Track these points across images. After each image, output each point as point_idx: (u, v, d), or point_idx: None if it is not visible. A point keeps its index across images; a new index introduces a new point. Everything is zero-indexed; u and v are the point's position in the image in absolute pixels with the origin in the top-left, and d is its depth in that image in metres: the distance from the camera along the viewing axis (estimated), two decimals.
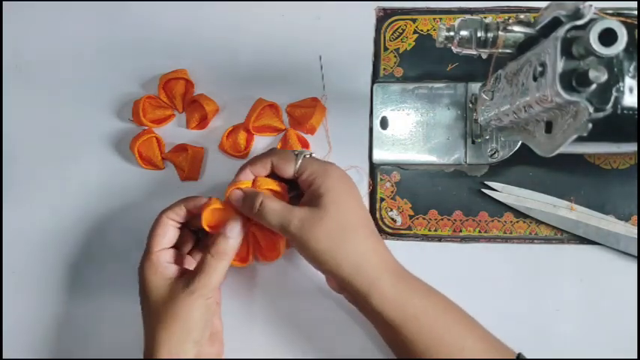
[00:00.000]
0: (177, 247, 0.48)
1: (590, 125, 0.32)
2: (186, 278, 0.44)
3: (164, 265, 0.46)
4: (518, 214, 0.51)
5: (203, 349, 0.45)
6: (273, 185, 0.46)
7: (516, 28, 0.39)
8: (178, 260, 0.48)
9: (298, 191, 0.47)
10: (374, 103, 0.53)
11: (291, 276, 0.52)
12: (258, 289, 0.53)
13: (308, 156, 0.45)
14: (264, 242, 0.48)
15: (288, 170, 0.45)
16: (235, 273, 0.52)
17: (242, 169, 0.47)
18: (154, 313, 0.44)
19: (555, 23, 0.35)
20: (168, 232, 0.47)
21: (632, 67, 0.32)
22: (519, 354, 0.42)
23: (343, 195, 0.43)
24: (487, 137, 0.50)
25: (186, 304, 0.43)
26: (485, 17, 0.41)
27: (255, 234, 0.48)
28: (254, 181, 0.46)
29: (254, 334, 0.52)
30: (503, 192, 0.51)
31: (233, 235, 0.45)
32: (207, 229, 0.46)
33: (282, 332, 0.52)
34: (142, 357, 0.45)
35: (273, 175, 0.47)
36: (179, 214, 0.47)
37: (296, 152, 0.46)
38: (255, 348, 0.52)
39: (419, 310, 0.41)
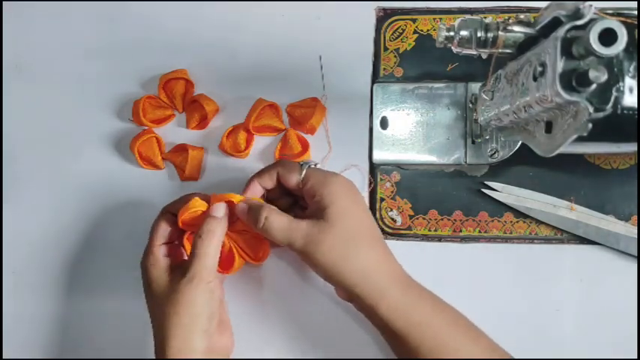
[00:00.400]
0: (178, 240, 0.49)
1: (590, 125, 0.32)
2: (182, 268, 0.45)
3: (164, 258, 0.46)
4: (518, 214, 0.51)
5: (213, 338, 0.44)
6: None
7: (516, 28, 0.39)
8: (180, 253, 0.48)
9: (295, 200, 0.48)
10: (374, 103, 0.53)
11: (299, 277, 0.53)
12: (266, 290, 0.53)
13: (313, 166, 0.46)
14: (246, 247, 0.48)
15: (293, 180, 0.45)
16: (243, 274, 0.52)
17: (250, 181, 0.47)
18: (160, 306, 0.44)
19: (555, 23, 0.35)
20: (170, 228, 0.47)
21: (632, 67, 0.32)
22: None
23: (348, 205, 0.43)
24: (487, 137, 0.50)
25: (188, 291, 0.43)
26: (485, 17, 0.41)
27: (236, 241, 0.48)
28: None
29: (263, 334, 0.52)
30: (503, 192, 0.51)
31: (219, 214, 0.45)
32: (183, 227, 0.46)
33: (289, 332, 0.52)
34: (141, 357, 0.45)
35: (280, 186, 0.47)
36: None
37: (301, 163, 0.46)
38: (263, 348, 0.52)
39: (424, 318, 0.41)
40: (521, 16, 0.40)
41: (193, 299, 0.43)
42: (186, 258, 0.49)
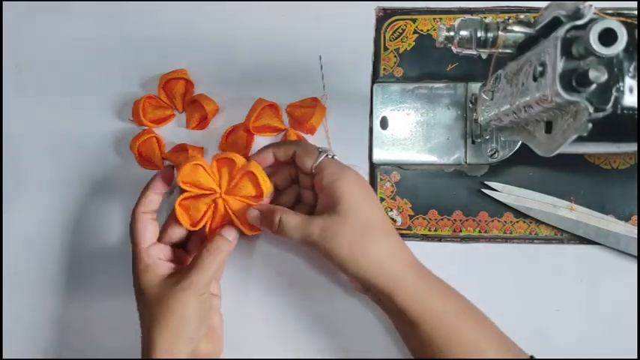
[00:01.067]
0: (169, 244, 0.49)
1: (590, 125, 0.32)
2: (178, 275, 0.45)
3: (155, 261, 0.46)
4: (518, 214, 0.51)
5: (200, 345, 0.45)
6: (261, 174, 0.46)
7: (516, 28, 0.39)
8: (169, 256, 0.48)
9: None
10: (374, 103, 0.53)
11: (302, 268, 0.53)
12: (272, 284, 0.53)
13: (330, 156, 0.46)
14: (242, 216, 0.47)
15: (307, 163, 0.46)
16: (247, 271, 0.52)
17: (264, 148, 0.48)
18: (148, 312, 0.44)
19: (555, 23, 0.35)
20: (148, 226, 0.47)
21: (632, 67, 0.32)
22: (531, 356, 0.43)
23: (359, 199, 0.44)
24: (487, 137, 0.50)
25: (178, 300, 0.43)
26: (485, 17, 0.41)
27: (232, 208, 0.47)
28: (248, 160, 0.47)
29: (266, 329, 0.52)
30: (503, 192, 0.51)
31: (230, 237, 0.46)
32: (181, 185, 0.46)
33: (289, 325, 0.52)
34: (140, 357, 0.45)
35: (292, 164, 0.48)
36: (152, 201, 0.47)
37: (320, 149, 0.46)
38: (267, 344, 0.52)
39: (440, 307, 0.42)
40: (521, 16, 0.40)
41: (182, 309, 0.43)
42: (175, 260, 0.49)
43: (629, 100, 0.32)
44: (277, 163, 0.48)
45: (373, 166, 0.53)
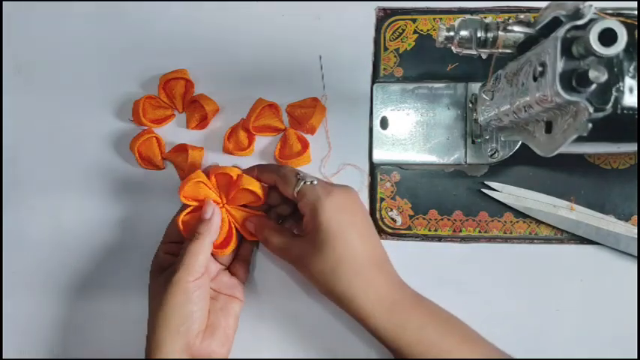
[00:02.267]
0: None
1: (590, 125, 0.32)
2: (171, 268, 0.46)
3: (163, 256, 0.47)
4: (518, 214, 0.51)
5: (194, 341, 0.44)
6: (255, 187, 0.47)
7: (516, 28, 0.39)
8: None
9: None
10: (374, 103, 0.53)
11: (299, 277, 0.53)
12: (266, 289, 0.53)
13: (309, 183, 0.45)
14: (242, 225, 0.49)
15: (288, 191, 0.46)
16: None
17: (251, 169, 0.49)
18: (149, 306, 0.46)
19: (555, 23, 0.35)
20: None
21: (632, 67, 0.32)
22: None
23: (338, 230, 0.43)
24: (487, 137, 0.50)
25: (164, 291, 0.44)
26: (485, 17, 0.41)
27: (234, 217, 0.49)
28: (238, 177, 0.47)
29: (262, 332, 0.52)
30: (503, 192, 0.51)
31: (208, 216, 0.46)
32: (183, 200, 0.47)
33: (290, 332, 0.52)
34: (141, 357, 0.45)
35: (274, 188, 0.48)
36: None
37: (299, 176, 0.46)
38: (262, 349, 0.52)
39: (413, 337, 0.41)
40: (521, 16, 0.40)
41: (167, 299, 0.43)
42: None
43: (629, 100, 0.32)
44: (269, 197, 0.49)
45: (373, 166, 0.53)
